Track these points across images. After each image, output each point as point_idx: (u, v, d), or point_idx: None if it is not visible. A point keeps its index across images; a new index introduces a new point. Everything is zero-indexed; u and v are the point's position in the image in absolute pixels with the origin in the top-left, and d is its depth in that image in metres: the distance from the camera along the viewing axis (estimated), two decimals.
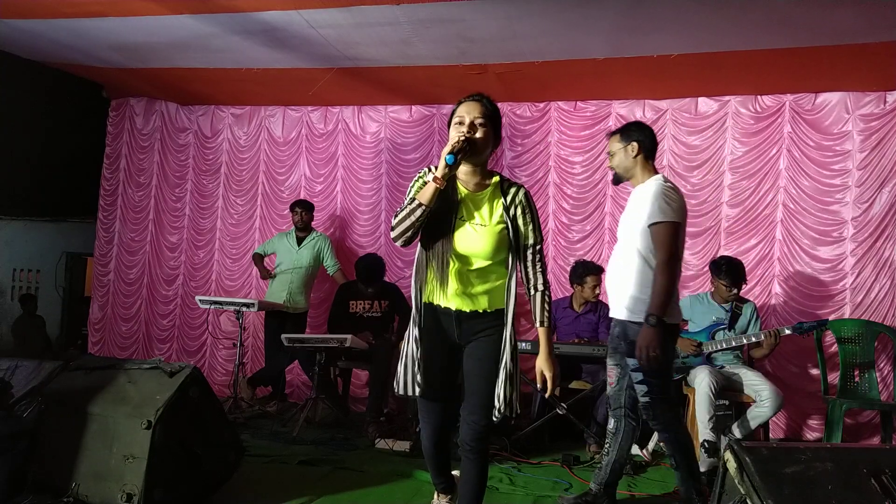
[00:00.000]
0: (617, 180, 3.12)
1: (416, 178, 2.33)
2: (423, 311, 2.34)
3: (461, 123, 2.25)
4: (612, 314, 3.03)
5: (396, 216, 2.23)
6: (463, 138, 2.19)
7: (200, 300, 5.16)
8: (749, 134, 5.17)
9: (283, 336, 4.67)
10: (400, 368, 2.37)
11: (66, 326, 7.58)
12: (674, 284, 2.83)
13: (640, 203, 2.90)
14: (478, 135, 2.24)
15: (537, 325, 2.33)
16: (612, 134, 3.10)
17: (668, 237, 2.78)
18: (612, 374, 3.11)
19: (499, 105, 2.35)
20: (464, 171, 2.31)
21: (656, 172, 3.02)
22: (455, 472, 2.64)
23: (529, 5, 3.87)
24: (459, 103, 2.31)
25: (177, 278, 6.36)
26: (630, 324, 2.87)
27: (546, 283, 2.34)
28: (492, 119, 2.28)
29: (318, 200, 5.89)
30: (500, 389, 2.25)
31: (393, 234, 2.25)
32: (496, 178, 2.35)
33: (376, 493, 3.25)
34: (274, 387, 5.30)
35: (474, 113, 2.25)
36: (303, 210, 5.43)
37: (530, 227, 2.32)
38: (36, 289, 7.48)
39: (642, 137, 2.99)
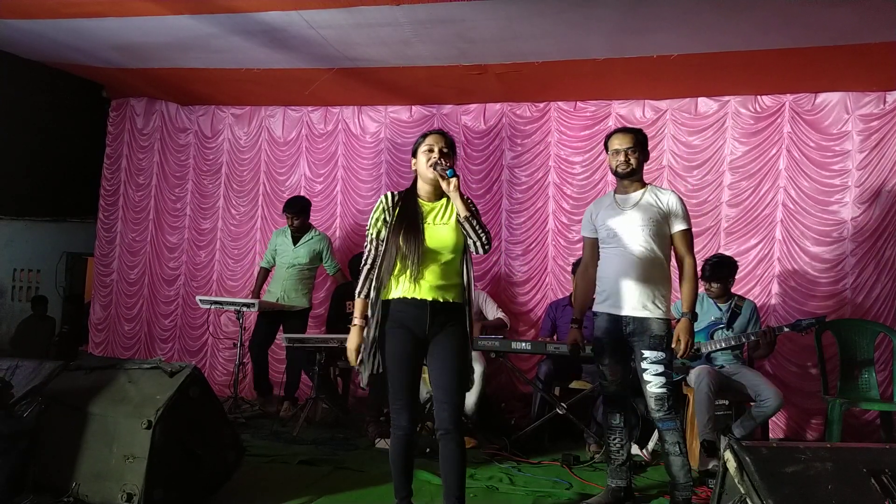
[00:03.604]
0: (628, 175, 3.15)
1: (377, 204, 2.70)
2: (390, 307, 2.63)
3: (431, 150, 2.67)
4: (623, 312, 3.07)
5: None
6: (448, 164, 2.65)
7: (201, 300, 5.15)
8: (749, 134, 5.17)
9: (284, 336, 4.67)
10: (364, 357, 2.63)
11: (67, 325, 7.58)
12: None
13: (659, 208, 3.10)
14: (448, 161, 2.67)
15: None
16: (638, 132, 3.20)
17: (693, 242, 3.16)
18: (615, 371, 3.15)
19: (499, 105, 2.75)
20: (425, 189, 2.72)
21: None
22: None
23: (529, 6, 3.87)
24: (425, 136, 2.74)
25: (178, 278, 6.36)
26: (655, 320, 3.03)
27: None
28: (452, 147, 2.74)
29: (317, 200, 5.88)
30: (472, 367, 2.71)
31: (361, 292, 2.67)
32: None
33: (376, 493, 3.25)
34: (287, 391, 5.23)
35: (441, 143, 2.69)
36: (292, 215, 5.24)
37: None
38: (36, 289, 7.49)
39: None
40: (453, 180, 2.59)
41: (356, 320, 2.64)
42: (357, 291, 2.66)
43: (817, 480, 1.86)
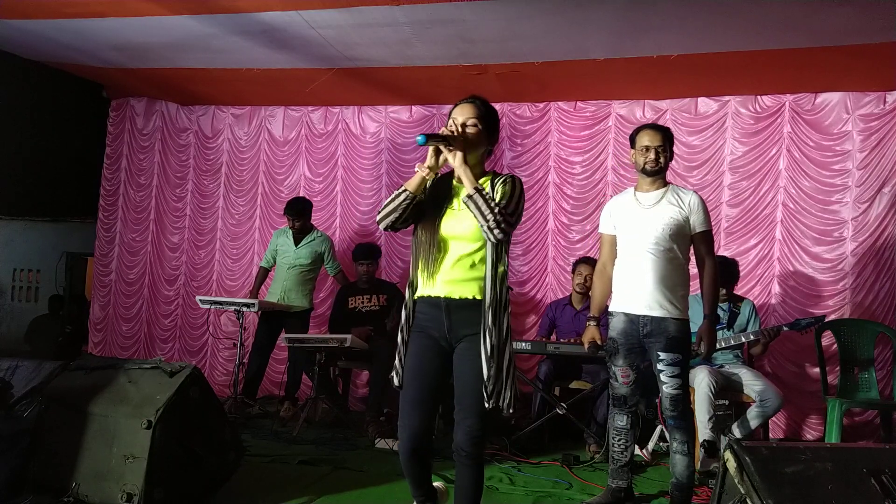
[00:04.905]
0: (656, 173, 3.13)
1: None
2: (413, 308, 2.35)
3: (454, 124, 2.32)
4: (641, 311, 3.04)
5: (384, 203, 2.32)
6: (448, 133, 2.26)
7: (201, 300, 5.14)
8: (749, 134, 5.17)
9: (285, 336, 4.67)
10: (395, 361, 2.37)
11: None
12: None
13: (681, 208, 3.08)
14: (469, 130, 2.29)
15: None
16: (667, 130, 3.18)
17: (713, 244, 3.19)
18: (627, 373, 3.13)
19: (499, 105, 2.48)
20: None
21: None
22: (438, 484, 2.59)
23: (529, 6, 3.87)
24: (455, 106, 2.36)
25: (178, 278, 6.37)
26: (672, 320, 3.01)
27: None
28: (485, 119, 2.32)
29: (317, 200, 5.88)
30: (490, 385, 2.18)
31: (378, 217, 2.34)
32: (489, 175, 2.39)
33: (376, 493, 3.25)
34: (288, 391, 5.22)
35: (467, 114, 2.31)
36: (293, 217, 5.21)
37: (506, 194, 2.26)
38: (36, 289, 7.49)
39: None
40: (458, 154, 2.19)
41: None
42: (380, 209, 2.36)
43: (817, 480, 1.86)
